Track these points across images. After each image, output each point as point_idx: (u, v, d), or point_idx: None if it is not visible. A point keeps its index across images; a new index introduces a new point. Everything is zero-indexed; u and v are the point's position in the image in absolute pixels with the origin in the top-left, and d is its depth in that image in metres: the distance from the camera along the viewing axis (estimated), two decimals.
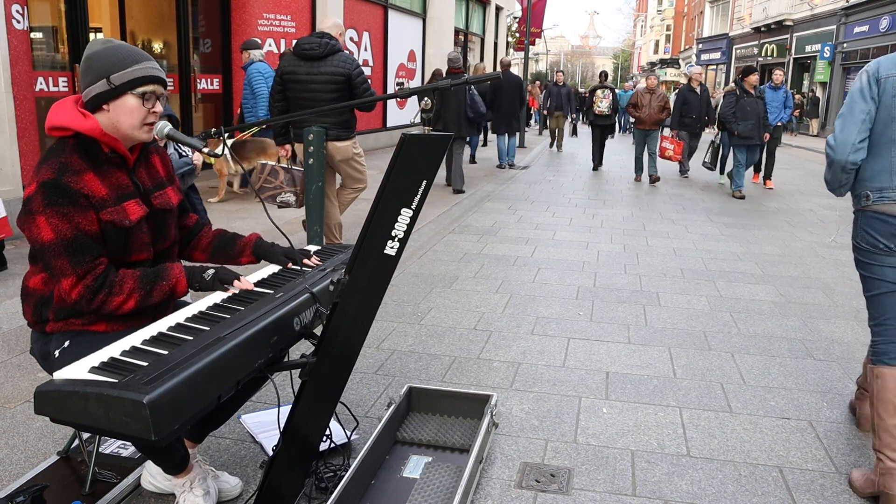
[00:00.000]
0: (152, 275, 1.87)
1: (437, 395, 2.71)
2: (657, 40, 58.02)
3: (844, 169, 2.42)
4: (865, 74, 2.41)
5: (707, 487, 2.40)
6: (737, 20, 33.73)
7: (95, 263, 1.79)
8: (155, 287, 1.86)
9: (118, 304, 1.81)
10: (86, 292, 1.77)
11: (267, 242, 2.22)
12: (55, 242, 1.74)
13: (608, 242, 6.25)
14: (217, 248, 2.22)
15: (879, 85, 2.36)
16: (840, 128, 2.41)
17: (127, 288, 1.82)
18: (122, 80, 1.82)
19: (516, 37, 25.98)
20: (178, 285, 1.89)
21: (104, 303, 1.80)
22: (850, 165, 2.40)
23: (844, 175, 2.44)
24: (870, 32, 21.29)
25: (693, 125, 11.02)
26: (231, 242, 2.22)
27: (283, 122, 4.95)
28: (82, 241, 1.77)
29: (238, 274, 1.98)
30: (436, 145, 1.75)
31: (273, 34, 10.12)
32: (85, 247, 1.77)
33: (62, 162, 1.78)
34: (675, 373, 3.36)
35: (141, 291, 1.83)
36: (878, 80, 2.37)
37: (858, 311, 4.41)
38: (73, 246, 1.75)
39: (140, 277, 1.85)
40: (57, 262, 1.75)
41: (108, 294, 1.79)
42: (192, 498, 2.04)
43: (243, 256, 2.19)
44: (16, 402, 2.82)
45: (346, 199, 5.27)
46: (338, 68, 4.69)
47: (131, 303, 1.83)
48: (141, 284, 1.84)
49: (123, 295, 1.81)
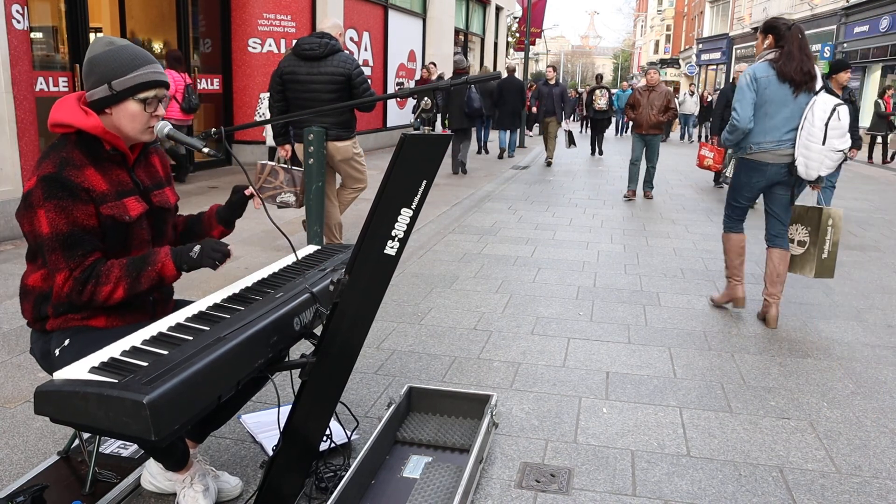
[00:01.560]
0: (139, 261, 1.86)
1: (437, 395, 2.71)
2: (657, 40, 58.03)
3: (744, 132, 3.91)
4: (748, 76, 3.88)
5: (707, 487, 2.40)
6: (737, 20, 33.73)
7: (87, 257, 1.80)
8: (142, 273, 1.84)
9: (107, 294, 1.81)
10: (75, 285, 1.78)
11: (223, 205, 2.19)
12: (51, 237, 1.75)
13: (608, 242, 6.25)
14: (186, 231, 2.22)
15: (757, 82, 3.85)
16: (740, 108, 3.87)
17: (114, 277, 1.81)
18: (123, 87, 1.83)
19: (516, 37, 25.99)
20: (164, 269, 1.86)
21: (93, 293, 1.80)
22: (747, 129, 3.89)
23: (741, 136, 3.94)
24: (870, 32, 21.30)
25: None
26: (197, 221, 2.21)
27: (284, 121, 4.95)
28: (78, 236, 1.78)
29: (225, 246, 1.91)
30: (436, 145, 1.75)
31: (273, 34, 10.12)
32: (79, 242, 1.78)
33: (63, 157, 1.79)
34: (675, 373, 3.36)
35: (128, 279, 1.82)
36: (756, 79, 3.85)
37: (858, 312, 4.41)
38: (68, 241, 1.77)
39: (126, 265, 1.84)
40: (52, 256, 1.77)
41: (95, 284, 1.79)
42: (191, 494, 2.04)
43: (213, 229, 2.19)
44: (16, 402, 2.82)
45: (346, 199, 5.27)
46: (338, 68, 4.69)
47: (120, 291, 1.82)
48: (127, 272, 1.83)
49: (111, 284, 1.81)
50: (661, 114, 8.64)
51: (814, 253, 4.06)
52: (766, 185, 3.98)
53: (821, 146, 3.73)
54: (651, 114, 8.62)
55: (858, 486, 2.44)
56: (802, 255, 4.16)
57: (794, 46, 3.83)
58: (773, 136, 3.86)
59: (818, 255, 4.04)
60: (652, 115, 8.62)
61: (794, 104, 3.83)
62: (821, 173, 3.82)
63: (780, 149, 3.87)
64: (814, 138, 3.74)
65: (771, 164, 3.90)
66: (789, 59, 3.81)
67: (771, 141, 3.87)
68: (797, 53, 3.82)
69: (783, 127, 3.85)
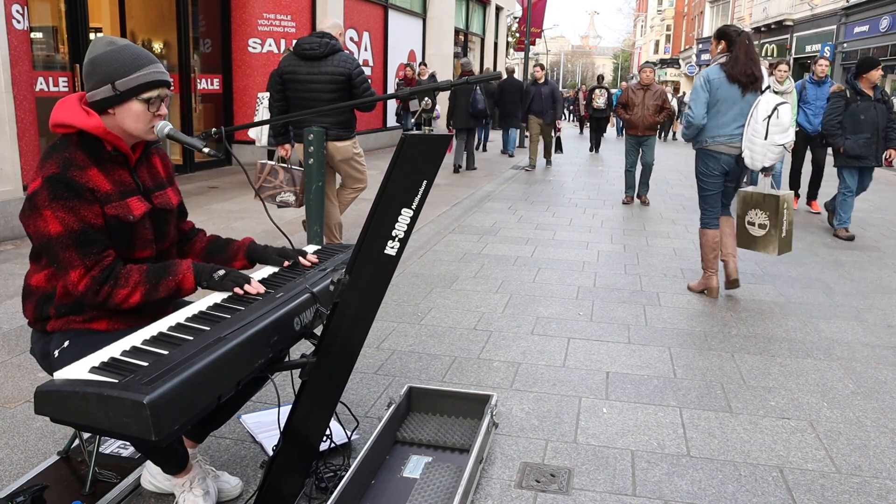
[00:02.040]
0: (160, 269, 1.87)
1: (437, 395, 2.71)
2: (657, 40, 58.03)
3: (698, 128, 4.42)
4: (702, 77, 4.39)
5: (707, 487, 2.40)
6: (737, 20, 33.72)
7: (103, 255, 1.80)
8: (161, 281, 1.86)
9: (123, 297, 1.81)
10: (92, 284, 1.78)
11: (260, 246, 2.20)
12: (63, 235, 1.75)
13: (608, 242, 6.25)
14: (210, 253, 2.20)
15: (710, 83, 4.34)
16: (695, 106, 4.37)
17: (133, 281, 1.82)
18: (127, 87, 1.83)
19: (516, 37, 25.98)
20: (184, 281, 1.88)
21: (109, 295, 1.80)
22: (701, 125, 4.40)
23: (696, 131, 4.45)
24: (870, 32, 21.29)
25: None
26: (224, 247, 2.20)
27: (284, 121, 4.95)
28: (90, 234, 1.78)
29: (249, 277, 1.96)
30: (436, 145, 1.75)
31: (273, 34, 10.12)
32: (93, 239, 1.78)
33: (66, 157, 1.79)
34: (675, 373, 3.36)
35: (146, 285, 1.83)
36: (709, 81, 4.35)
37: (858, 312, 4.41)
38: (82, 238, 1.77)
39: (146, 271, 1.85)
40: (65, 254, 1.76)
41: (113, 286, 1.80)
42: (191, 498, 2.04)
43: (237, 261, 2.18)
44: (16, 402, 2.82)
45: (347, 199, 5.27)
46: (338, 68, 4.69)
47: (136, 296, 1.83)
48: (147, 278, 1.84)
49: (129, 288, 1.81)
50: (657, 114, 8.29)
51: (775, 234, 4.58)
52: (723, 171, 4.49)
53: (763, 140, 4.19)
54: (646, 114, 8.26)
55: (858, 486, 2.44)
56: (765, 237, 4.62)
57: (741, 52, 4.26)
58: (725, 130, 4.37)
59: (778, 235, 4.57)
60: (647, 116, 8.27)
61: (743, 102, 4.32)
62: (765, 164, 4.30)
63: (732, 142, 4.39)
64: (757, 134, 4.21)
65: (724, 154, 4.44)
66: (736, 63, 4.26)
67: (724, 135, 4.39)
68: (743, 58, 4.25)
69: (733, 123, 4.35)
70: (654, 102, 8.24)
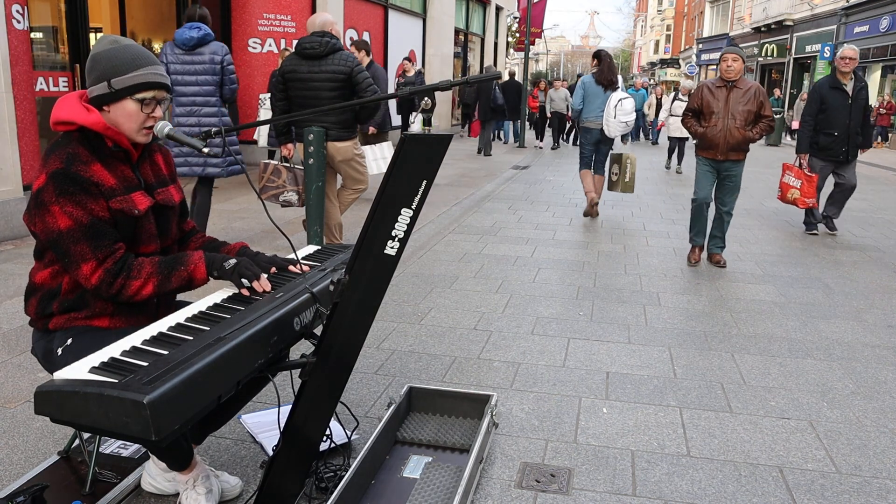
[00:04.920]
0: (171, 260, 1.89)
1: (438, 395, 2.71)
2: (657, 40, 58.03)
3: (578, 112, 7.16)
4: (583, 82, 7.12)
5: (707, 487, 2.40)
6: (737, 20, 33.72)
7: (115, 248, 1.82)
8: (173, 272, 1.87)
9: (136, 289, 1.83)
10: (106, 276, 1.79)
11: (251, 251, 2.17)
12: (73, 229, 1.76)
13: (608, 242, 6.25)
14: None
15: (585, 86, 7.08)
16: (576, 100, 7.15)
17: (145, 272, 1.83)
18: (122, 85, 1.84)
19: (516, 37, 25.99)
20: (196, 271, 1.89)
21: (123, 287, 1.81)
22: (579, 109, 7.16)
23: (577, 114, 7.20)
24: (870, 32, 21.30)
25: (835, 148, 6.46)
26: (217, 249, 2.19)
27: (285, 121, 4.95)
28: (99, 227, 1.79)
29: (260, 271, 1.95)
30: (436, 145, 1.75)
31: (273, 34, 10.12)
32: (103, 231, 1.80)
33: (70, 153, 1.80)
34: (675, 373, 3.36)
35: (159, 276, 1.85)
36: (585, 84, 7.09)
37: (858, 312, 4.41)
38: (92, 231, 1.77)
39: (158, 262, 1.87)
40: (76, 247, 1.77)
41: (126, 278, 1.81)
42: (194, 496, 2.04)
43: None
44: (16, 402, 2.82)
45: (347, 200, 5.27)
46: (338, 66, 4.69)
47: (149, 287, 1.84)
48: (159, 269, 1.86)
49: (142, 279, 1.83)
50: (751, 126, 5.18)
51: (621, 179, 7.29)
52: (595, 140, 7.19)
53: (613, 119, 6.86)
54: (734, 126, 5.12)
55: (858, 486, 2.44)
56: (616, 181, 7.34)
57: (605, 66, 7.06)
58: (594, 113, 7.05)
59: (622, 179, 7.27)
60: (735, 129, 5.12)
61: (603, 96, 7.00)
62: (617, 133, 6.96)
63: (597, 120, 7.05)
64: (609, 115, 6.89)
65: (593, 128, 7.13)
66: (601, 74, 7.04)
67: (593, 117, 7.07)
68: (606, 71, 7.04)
69: (597, 109, 7.03)
70: (746, 108, 5.13)
